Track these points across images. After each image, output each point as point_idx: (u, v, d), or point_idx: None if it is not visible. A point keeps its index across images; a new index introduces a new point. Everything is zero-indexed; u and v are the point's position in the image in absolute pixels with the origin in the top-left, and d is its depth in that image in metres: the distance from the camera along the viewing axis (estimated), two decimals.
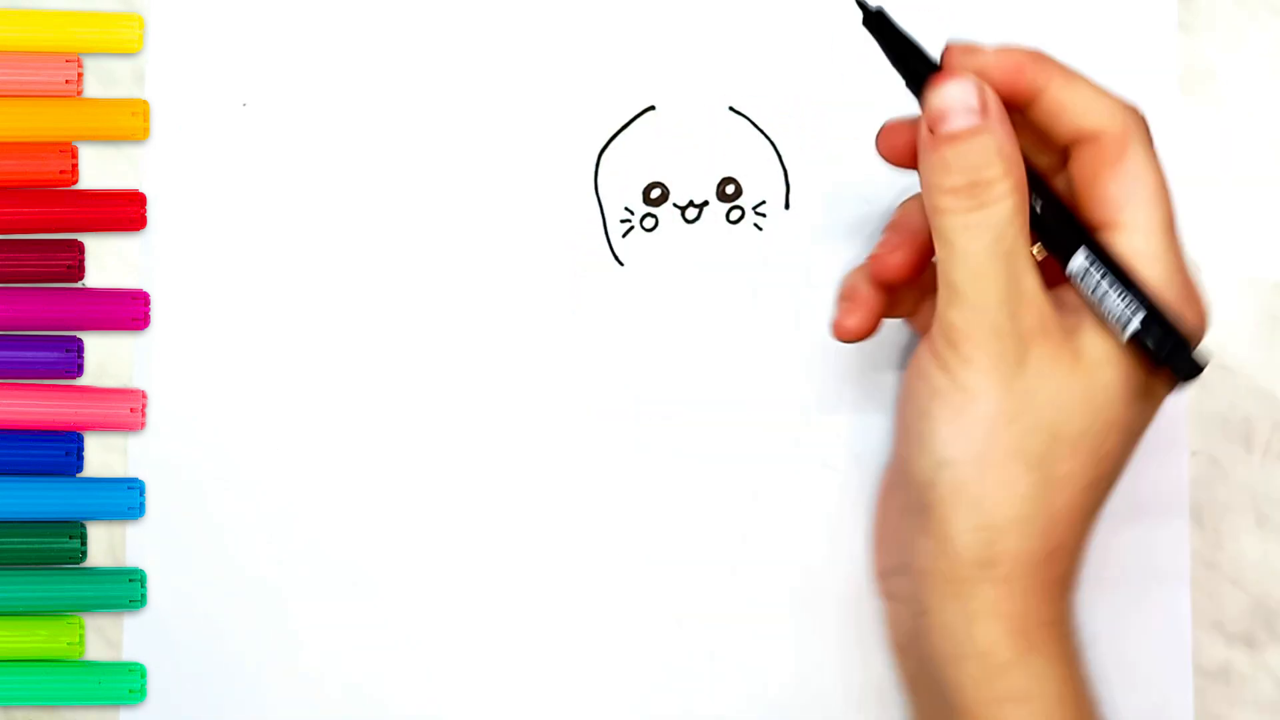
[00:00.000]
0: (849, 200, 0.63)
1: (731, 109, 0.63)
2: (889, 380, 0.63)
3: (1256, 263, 0.63)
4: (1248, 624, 0.63)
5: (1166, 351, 0.45)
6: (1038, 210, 0.49)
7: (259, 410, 0.63)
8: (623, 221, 0.63)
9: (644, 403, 0.63)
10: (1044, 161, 0.52)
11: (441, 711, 0.63)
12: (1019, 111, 0.50)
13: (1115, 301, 0.46)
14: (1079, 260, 0.47)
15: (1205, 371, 0.48)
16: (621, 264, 0.63)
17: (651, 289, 0.63)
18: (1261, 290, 0.63)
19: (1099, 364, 0.48)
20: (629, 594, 0.63)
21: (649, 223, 0.63)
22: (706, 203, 0.63)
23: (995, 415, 0.47)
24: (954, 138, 0.46)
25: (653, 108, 0.63)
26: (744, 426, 0.63)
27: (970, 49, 0.49)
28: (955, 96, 0.47)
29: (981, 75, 0.48)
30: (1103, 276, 0.47)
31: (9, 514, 0.62)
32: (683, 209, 0.64)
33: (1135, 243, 0.48)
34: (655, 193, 0.63)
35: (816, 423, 0.63)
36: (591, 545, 0.63)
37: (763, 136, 0.63)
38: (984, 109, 0.47)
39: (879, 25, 0.50)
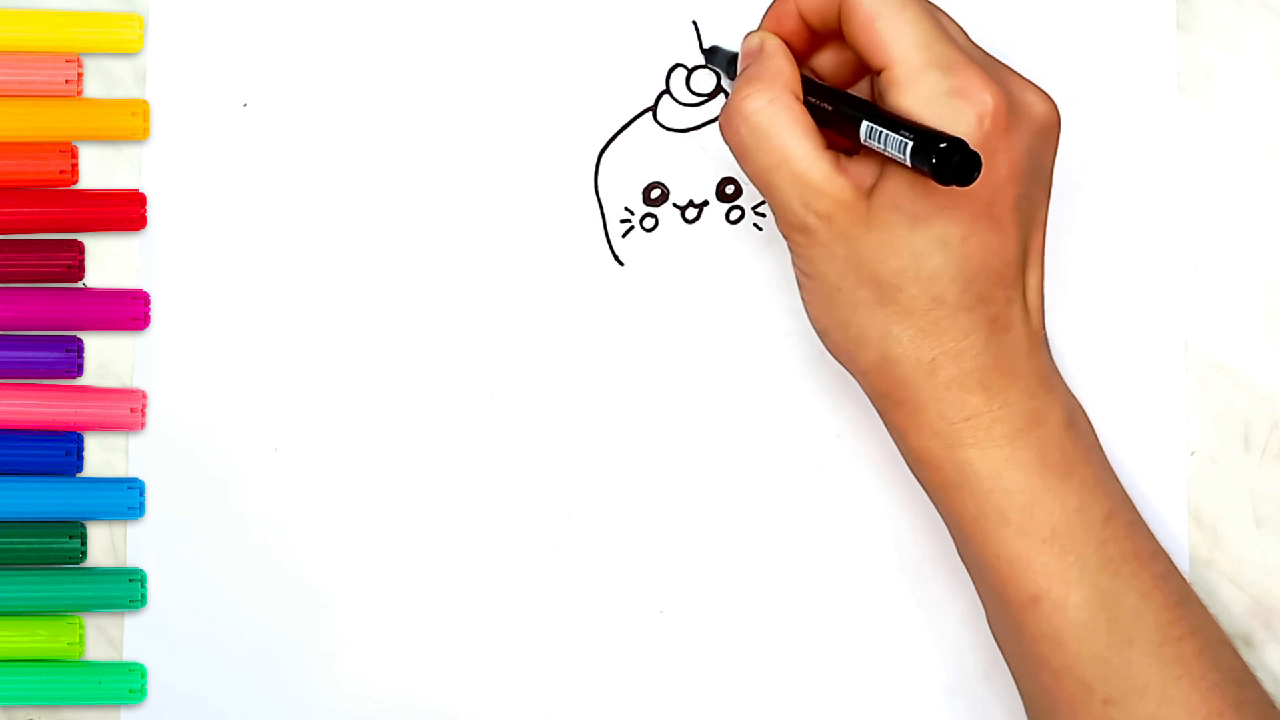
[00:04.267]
0: None
1: None
2: None
3: (1255, 262, 0.63)
4: (1246, 623, 0.63)
5: (937, 169, 0.51)
6: (829, 108, 0.56)
7: (259, 410, 0.63)
8: (623, 221, 0.63)
9: (644, 402, 0.63)
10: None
11: (442, 709, 0.63)
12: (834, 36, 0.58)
13: (893, 142, 0.52)
14: (863, 132, 0.53)
15: (1208, 370, 0.48)
16: (621, 264, 0.63)
17: (651, 289, 0.63)
18: (1260, 290, 0.63)
19: (889, 208, 0.54)
20: (628, 591, 0.63)
21: (649, 223, 0.63)
22: (706, 203, 0.64)
23: (825, 288, 0.56)
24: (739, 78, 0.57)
25: (652, 108, 0.63)
26: (743, 426, 0.63)
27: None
28: (744, 45, 0.58)
29: (777, 23, 0.58)
30: (882, 130, 0.53)
31: (9, 514, 0.62)
32: (683, 209, 0.64)
33: (896, 74, 0.54)
34: (655, 193, 0.63)
35: (816, 422, 0.63)
36: (591, 543, 0.63)
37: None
38: (759, 48, 0.57)
39: (711, 56, 0.63)
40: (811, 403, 0.63)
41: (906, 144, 0.52)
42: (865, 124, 0.53)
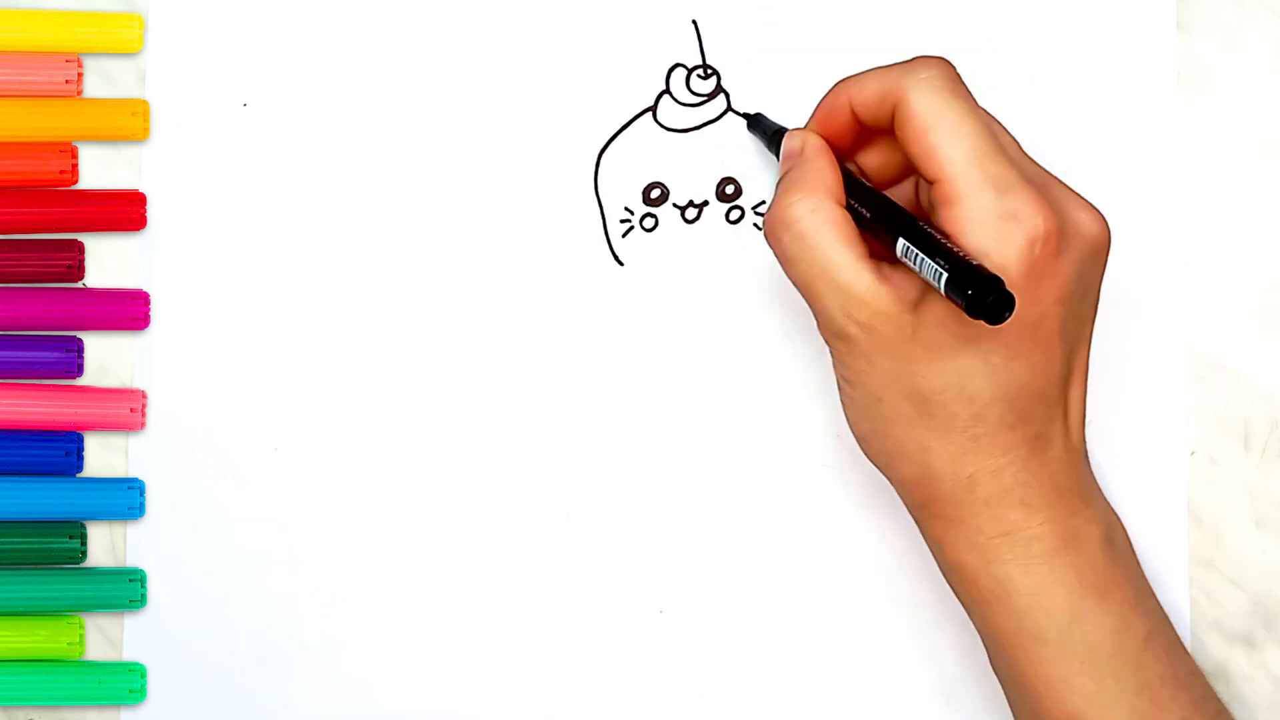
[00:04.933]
0: None
1: (731, 109, 0.63)
2: None
3: (1254, 262, 0.63)
4: (1246, 623, 0.63)
5: (970, 303, 0.50)
6: (866, 215, 0.55)
7: (259, 410, 0.63)
8: (623, 221, 0.63)
9: (643, 402, 0.63)
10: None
11: (443, 709, 0.63)
12: (884, 133, 0.57)
13: (928, 268, 0.52)
14: (900, 246, 0.53)
15: (1207, 369, 0.48)
16: (621, 264, 0.63)
17: (651, 289, 0.63)
18: (1260, 290, 0.63)
19: (934, 325, 0.53)
20: (628, 591, 0.63)
21: (649, 223, 0.63)
22: (706, 203, 0.64)
23: (865, 398, 0.56)
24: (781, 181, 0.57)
25: (652, 108, 0.63)
26: (743, 426, 0.63)
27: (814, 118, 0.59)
28: (785, 146, 0.58)
29: (829, 116, 0.58)
30: (917, 252, 0.52)
31: (9, 514, 0.62)
32: (683, 209, 0.64)
33: (948, 191, 0.53)
34: (655, 193, 0.63)
35: (816, 423, 0.63)
36: (590, 543, 0.63)
37: (762, 136, 0.63)
38: (800, 149, 0.57)
39: (754, 125, 0.63)
40: (811, 403, 0.63)
41: (941, 274, 0.51)
42: (901, 242, 0.53)
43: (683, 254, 0.63)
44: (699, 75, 0.63)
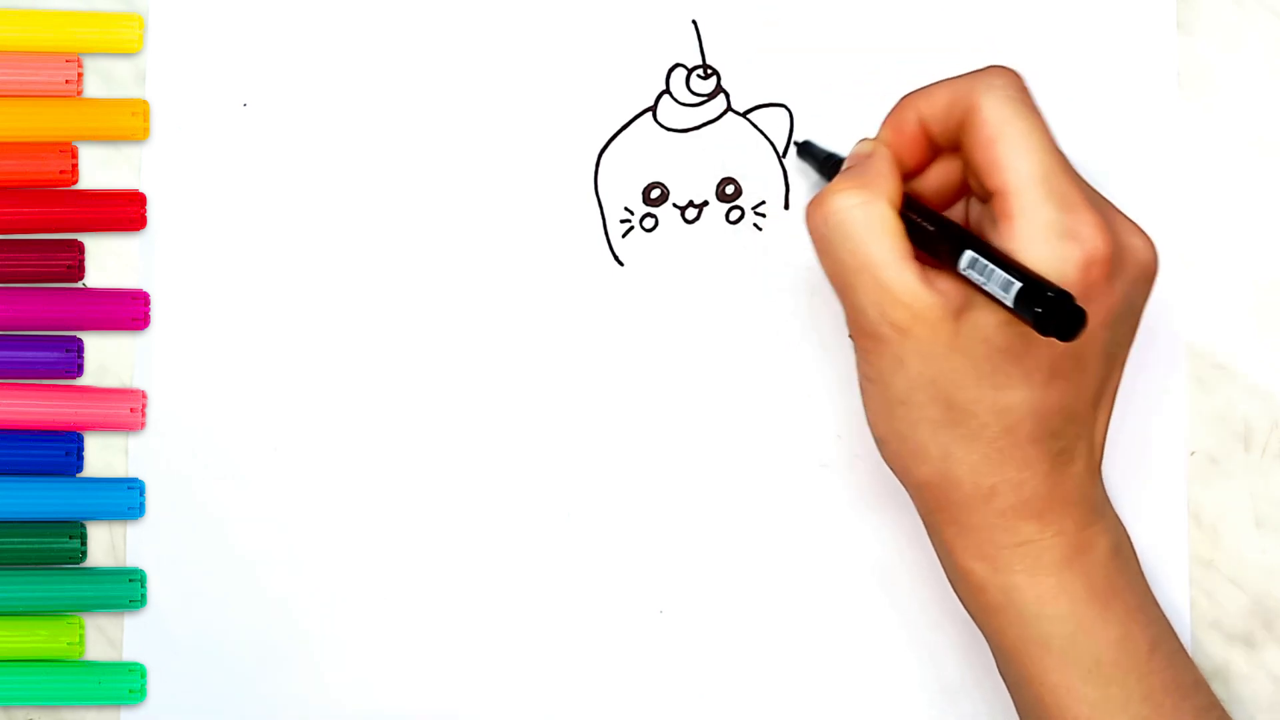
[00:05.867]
0: None
1: (731, 109, 0.63)
2: None
3: (1254, 261, 0.63)
4: (1246, 623, 0.63)
5: (1040, 319, 0.49)
6: (930, 229, 0.54)
7: (259, 410, 0.63)
8: (623, 222, 0.63)
9: (643, 402, 0.63)
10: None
11: (443, 709, 0.63)
12: (953, 151, 0.56)
13: (998, 280, 0.51)
14: (964, 261, 0.52)
15: (1207, 369, 0.48)
16: (621, 264, 0.63)
17: (651, 289, 0.63)
18: (1260, 289, 0.63)
19: (977, 337, 0.53)
20: (628, 591, 0.63)
21: (649, 223, 0.63)
22: (706, 203, 0.64)
23: (890, 399, 0.55)
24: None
25: (652, 108, 0.63)
26: (743, 426, 0.63)
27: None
28: (855, 149, 0.58)
29: (898, 127, 0.57)
30: (983, 269, 0.52)
31: (9, 514, 0.62)
32: (682, 209, 0.64)
33: (1011, 203, 0.52)
34: (655, 193, 0.63)
35: (816, 422, 0.63)
36: (590, 543, 0.63)
37: (762, 137, 0.63)
38: (870, 153, 0.56)
39: (804, 151, 0.62)
40: (811, 402, 0.63)
41: (1013, 285, 0.50)
42: (969, 254, 0.52)
43: (683, 254, 0.63)
44: (699, 75, 0.63)
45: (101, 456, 0.63)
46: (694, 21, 0.64)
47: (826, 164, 0.61)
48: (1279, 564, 0.63)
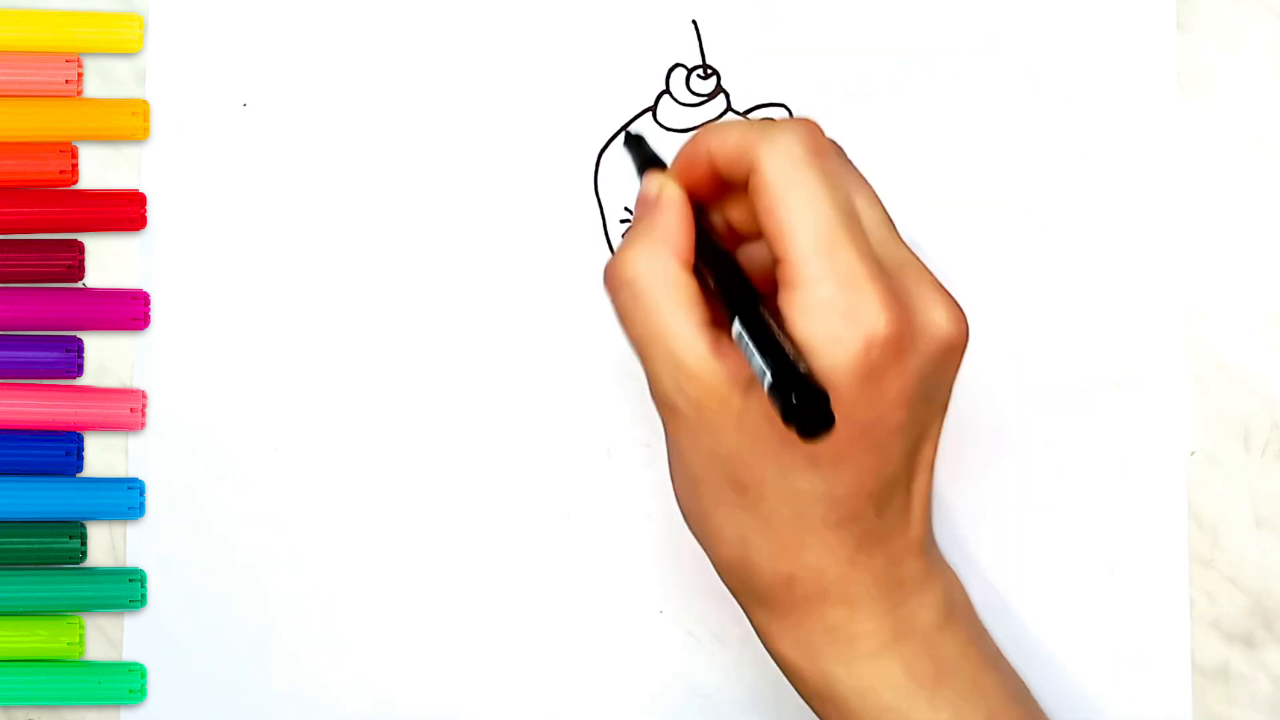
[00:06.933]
0: None
1: (731, 109, 0.63)
2: None
3: (1254, 262, 0.63)
4: (1246, 623, 0.63)
5: (786, 410, 0.45)
6: (711, 285, 0.51)
7: (259, 410, 0.63)
8: (623, 222, 0.63)
9: (643, 402, 0.63)
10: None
11: (443, 709, 0.63)
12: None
13: (758, 363, 0.47)
14: (735, 329, 0.48)
15: (1207, 369, 0.48)
16: None
17: None
18: (1260, 290, 0.63)
19: (761, 414, 0.49)
20: (628, 591, 0.63)
21: None
22: None
23: (687, 474, 0.52)
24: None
25: (652, 108, 0.63)
26: None
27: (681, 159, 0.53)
28: (642, 190, 0.53)
29: (689, 166, 0.52)
30: (748, 341, 0.48)
31: (9, 514, 0.62)
32: None
33: (788, 274, 0.49)
34: None
35: None
36: (590, 543, 0.63)
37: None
38: (656, 198, 0.52)
39: (635, 143, 0.57)
40: None
41: (765, 372, 0.46)
42: (736, 326, 0.48)
43: None
44: (699, 75, 0.64)
45: (101, 456, 0.63)
46: (694, 21, 0.64)
47: (645, 165, 0.55)
48: (1279, 564, 0.63)
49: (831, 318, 0.48)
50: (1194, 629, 0.63)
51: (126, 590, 0.62)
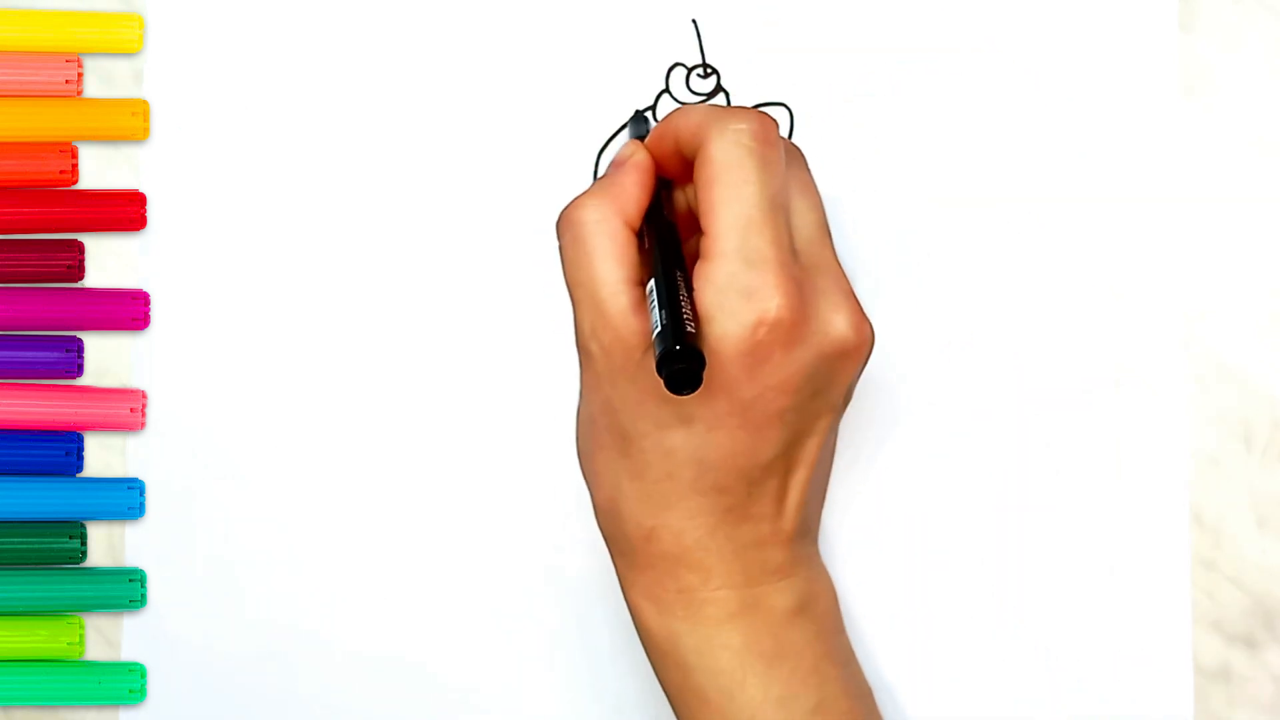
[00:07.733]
0: (848, 201, 0.63)
1: None
2: (878, 380, 0.63)
3: (1255, 262, 0.63)
4: (1247, 624, 0.63)
5: (660, 361, 0.49)
6: (646, 247, 0.54)
7: (258, 410, 0.63)
8: None
9: None
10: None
11: (442, 709, 0.63)
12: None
13: (655, 317, 0.51)
14: (648, 286, 0.52)
15: (1208, 369, 0.47)
16: None
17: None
18: (1260, 290, 0.63)
19: (651, 371, 0.52)
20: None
21: None
22: None
23: (585, 416, 0.56)
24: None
25: (651, 108, 0.63)
26: None
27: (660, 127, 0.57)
28: (618, 153, 0.57)
29: (659, 139, 0.56)
30: (652, 302, 0.51)
31: (9, 514, 0.62)
32: None
33: (705, 247, 0.52)
34: None
35: None
36: (591, 544, 0.63)
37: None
38: (624, 160, 0.56)
39: (637, 120, 0.62)
40: None
41: (657, 325, 0.50)
42: (651, 283, 0.52)
43: None
44: (699, 75, 0.64)
45: (101, 456, 0.63)
46: (694, 21, 0.64)
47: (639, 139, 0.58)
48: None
49: (730, 292, 0.51)
50: (1195, 629, 0.63)
51: (126, 590, 0.62)
